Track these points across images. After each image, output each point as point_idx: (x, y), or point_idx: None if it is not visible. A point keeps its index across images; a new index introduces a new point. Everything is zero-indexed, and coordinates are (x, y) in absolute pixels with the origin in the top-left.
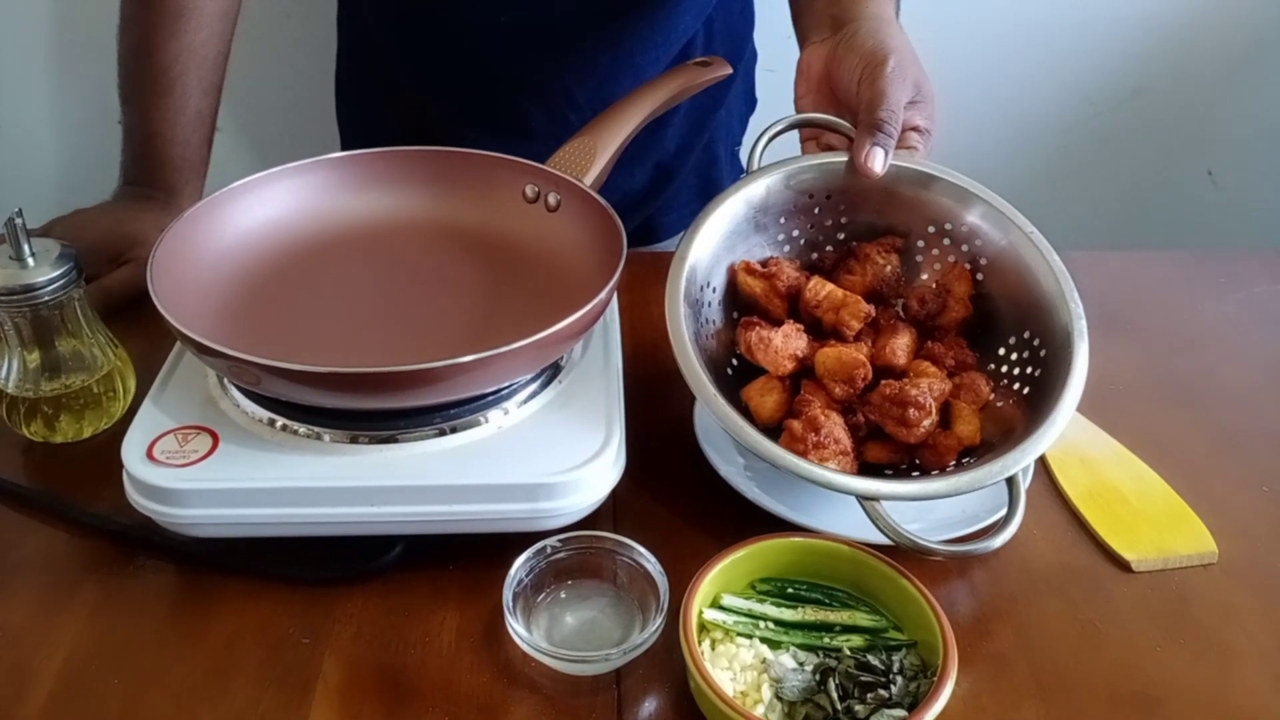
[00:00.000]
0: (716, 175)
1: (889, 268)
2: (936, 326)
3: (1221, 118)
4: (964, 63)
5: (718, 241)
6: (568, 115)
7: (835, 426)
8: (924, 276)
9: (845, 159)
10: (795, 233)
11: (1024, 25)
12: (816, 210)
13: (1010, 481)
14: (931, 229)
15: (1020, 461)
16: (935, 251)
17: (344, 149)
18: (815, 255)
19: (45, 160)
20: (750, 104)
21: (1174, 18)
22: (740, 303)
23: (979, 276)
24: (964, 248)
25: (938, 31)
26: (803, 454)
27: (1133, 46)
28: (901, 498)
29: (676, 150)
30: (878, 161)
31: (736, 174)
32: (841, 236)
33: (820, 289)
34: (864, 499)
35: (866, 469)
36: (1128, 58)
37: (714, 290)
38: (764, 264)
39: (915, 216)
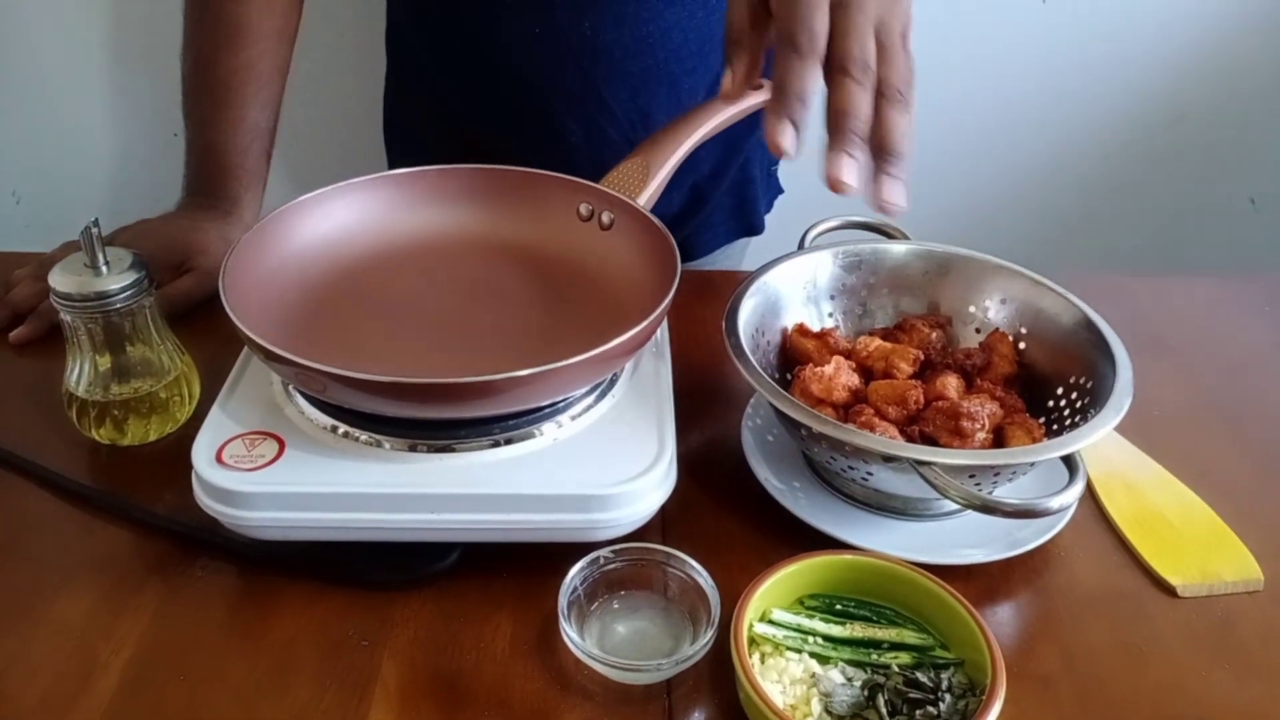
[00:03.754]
0: (751, 195)
1: (935, 334)
2: (985, 381)
3: (1263, 144)
4: (1007, 87)
5: (774, 300)
6: (605, 128)
7: (890, 429)
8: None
9: (890, 245)
10: (844, 311)
11: (1067, 50)
12: (864, 292)
13: (1068, 459)
14: (972, 309)
15: (1079, 441)
16: (976, 329)
17: (390, 167)
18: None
19: (101, 171)
20: None
21: (1216, 44)
22: (792, 363)
23: (1021, 346)
24: (1004, 318)
25: (980, 55)
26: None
27: (1175, 71)
28: (955, 465)
29: (711, 173)
30: (849, 174)
31: (772, 193)
32: (887, 320)
33: (870, 343)
34: (918, 464)
35: None
36: (1170, 83)
37: (768, 343)
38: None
39: (955, 297)
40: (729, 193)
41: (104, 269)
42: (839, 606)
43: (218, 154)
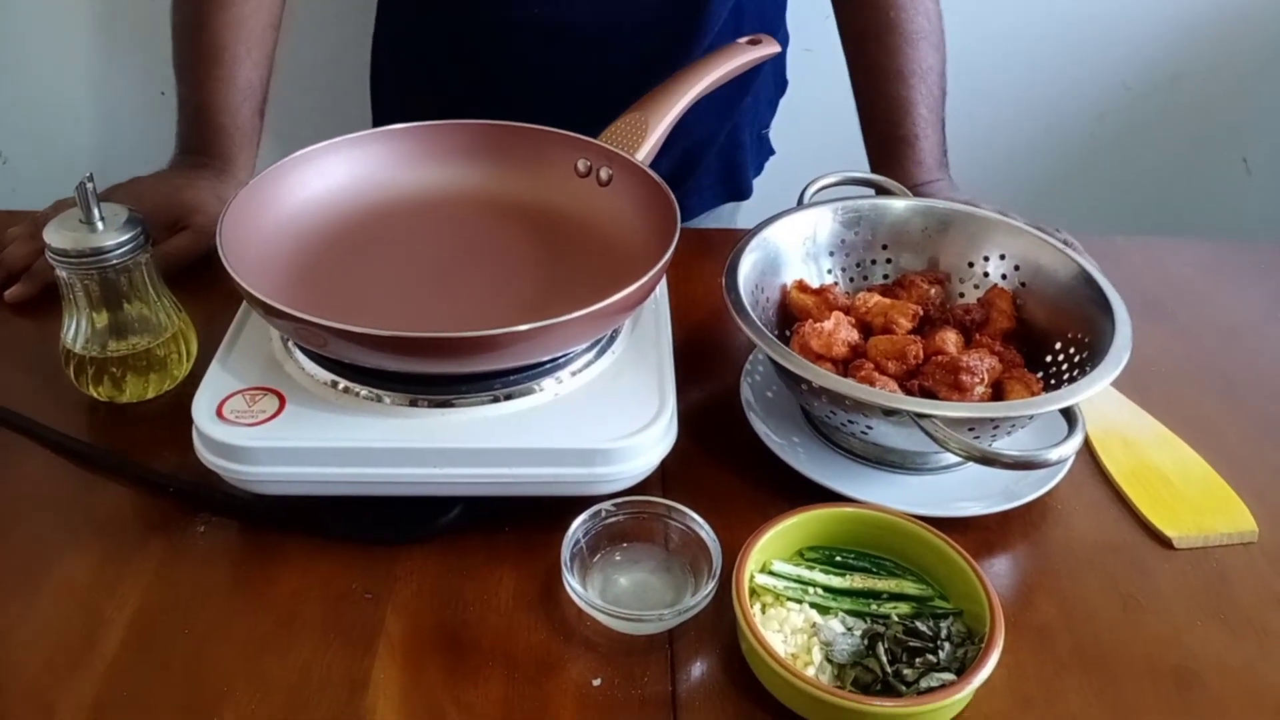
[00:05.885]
0: (740, 160)
1: (933, 290)
2: (983, 336)
3: (1258, 106)
4: (1000, 48)
5: (774, 256)
6: (602, 111)
7: (889, 383)
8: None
9: (890, 201)
10: (843, 268)
11: (1061, 10)
12: (863, 248)
13: (1067, 411)
14: (970, 263)
15: (1079, 393)
16: (975, 285)
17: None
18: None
19: (89, 130)
20: (781, 86)
21: (1212, 4)
22: (791, 320)
23: (1020, 301)
24: (1003, 274)
25: (977, 16)
26: None
27: (1170, 33)
28: (955, 418)
29: (702, 137)
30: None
31: (763, 156)
32: (885, 276)
33: (869, 299)
34: (919, 417)
35: None
36: (1165, 44)
37: (767, 299)
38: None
39: (954, 254)
40: (718, 156)
41: (99, 225)
42: (839, 558)
43: (210, 112)
